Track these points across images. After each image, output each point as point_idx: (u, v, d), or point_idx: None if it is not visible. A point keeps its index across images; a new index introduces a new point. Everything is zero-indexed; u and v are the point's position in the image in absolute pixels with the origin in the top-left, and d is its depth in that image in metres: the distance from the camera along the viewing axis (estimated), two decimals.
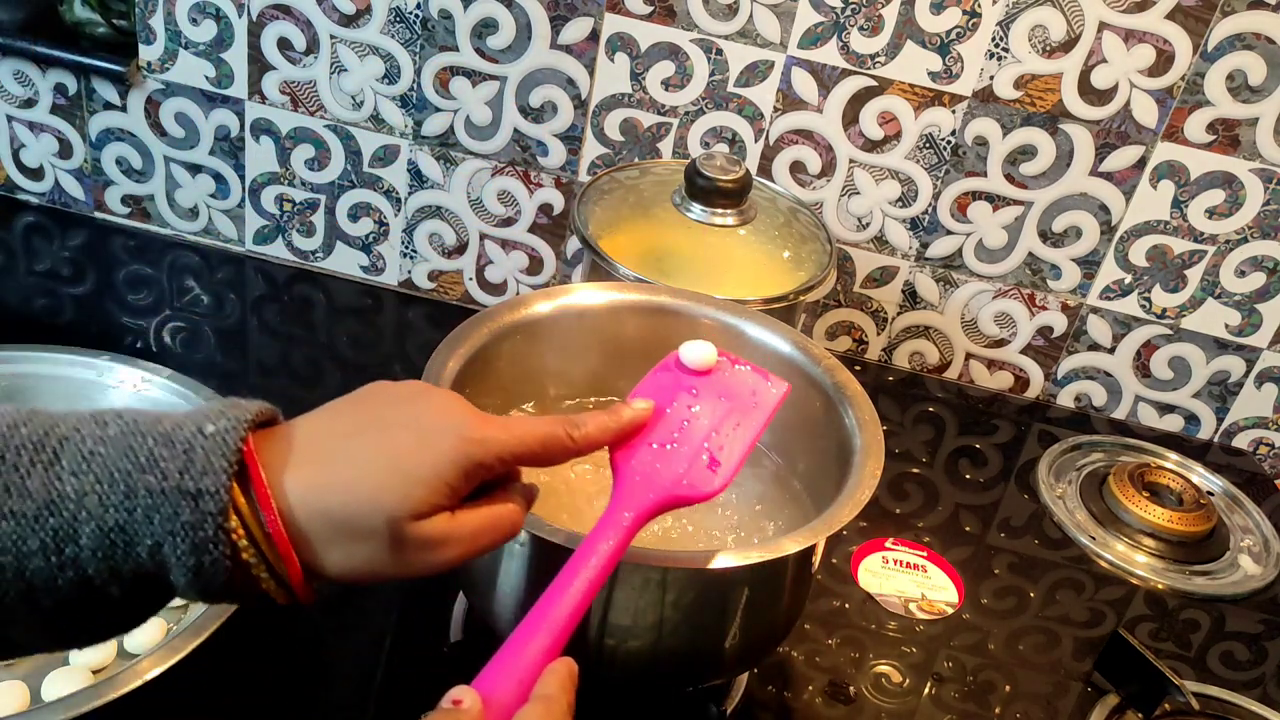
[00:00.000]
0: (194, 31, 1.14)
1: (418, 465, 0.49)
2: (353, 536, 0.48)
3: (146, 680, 0.68)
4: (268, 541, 0.47)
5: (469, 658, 0.78)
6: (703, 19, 1.08)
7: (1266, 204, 1.10)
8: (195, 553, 0.45)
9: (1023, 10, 1.04)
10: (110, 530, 0.45)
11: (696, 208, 0.97)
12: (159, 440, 0.46)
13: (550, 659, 0.49)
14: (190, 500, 0.45)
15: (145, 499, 0.45)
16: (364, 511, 0.48)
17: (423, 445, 0.49)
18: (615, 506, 0.56)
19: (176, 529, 0.45)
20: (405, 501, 0.48)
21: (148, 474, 0.45)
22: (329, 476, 0.48)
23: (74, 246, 1.22)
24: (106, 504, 0.45)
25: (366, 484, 0.48)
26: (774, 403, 0.63)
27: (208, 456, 0.46)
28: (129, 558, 0.45)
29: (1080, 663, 0.92)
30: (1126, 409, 1.25)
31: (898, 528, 1.02)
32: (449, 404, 0.52)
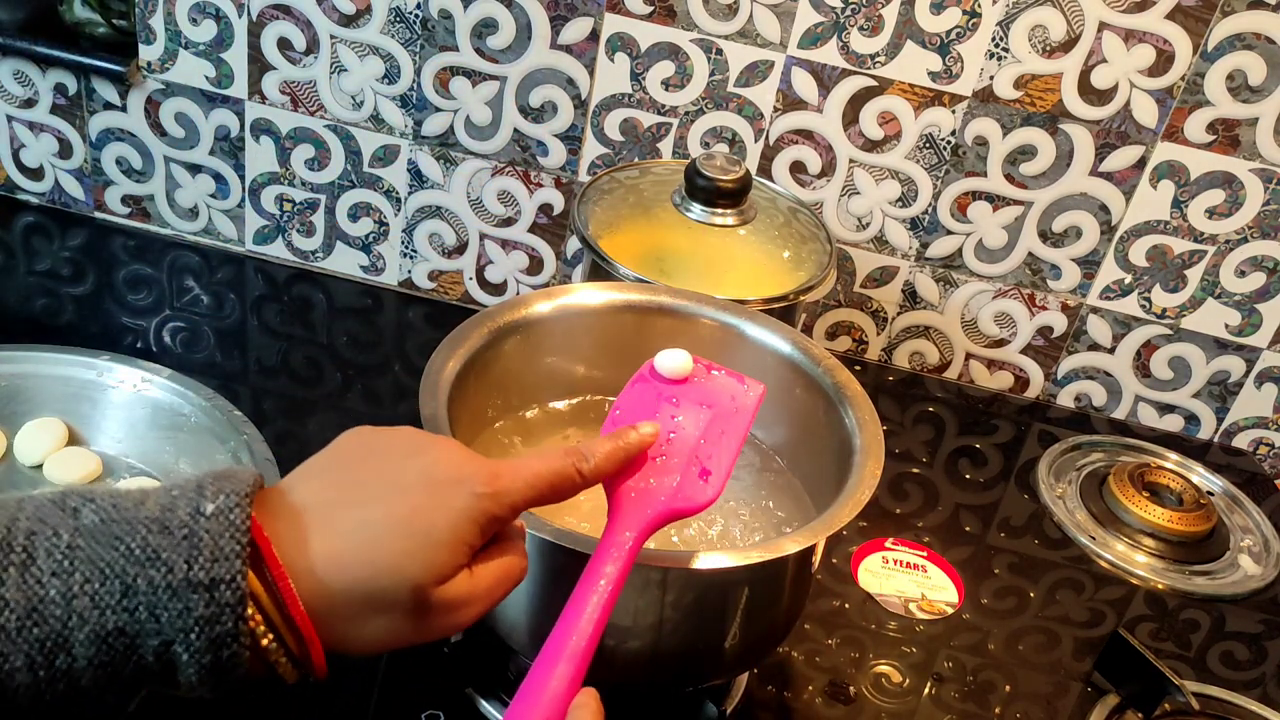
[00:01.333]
0: (194, 31, 1.14)
1: (435, 528, 0.46)
2: (376, 609, 0.46)
3: None
4: (288, 625, 0.44)
5: (469, 658, 0.78)
6: (703, 19, 1.08)
7: (1266, 204, 1.10)
8: (213, 649, 0.42)
9: (1023, 10, 1.04)
10: (108, 635, 0.40)
11: (696, 208, 0.97)
12: (151, 528, 0.41)
13: (575, 689, 0.48)
14: (204, 592, 0.41)
15: (148, 595, 0.41)
16: (389, 584, 0.45)
17: (437, 505, 0.47)
18: (614, 527, 0.55)
19: (190, 625, 0.41)
20: (429, 568, 0.46)
21: (148, 568, 0.41)
22: (346, 549, 0.45)
23: (74, 246, 1.22)
24: (102, 605, 0.40)
25: (387, 554, 0.45)
26: (753, 405, 0.63)
27: (215, 541, 0.42)
28: (130, 661, 0.41)
29: (1080, 663, 0.92)
30: (1126, 409, 1.25)
31: (898, 528, 1.02)
32: (452, 456, 0.50)
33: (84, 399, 0.91)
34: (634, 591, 0.65)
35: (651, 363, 0.63)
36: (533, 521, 0.63)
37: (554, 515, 0.74)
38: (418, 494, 0.47)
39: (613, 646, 0.67)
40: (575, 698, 0.48)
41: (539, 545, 0.65)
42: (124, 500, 0.43)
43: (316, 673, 0.46)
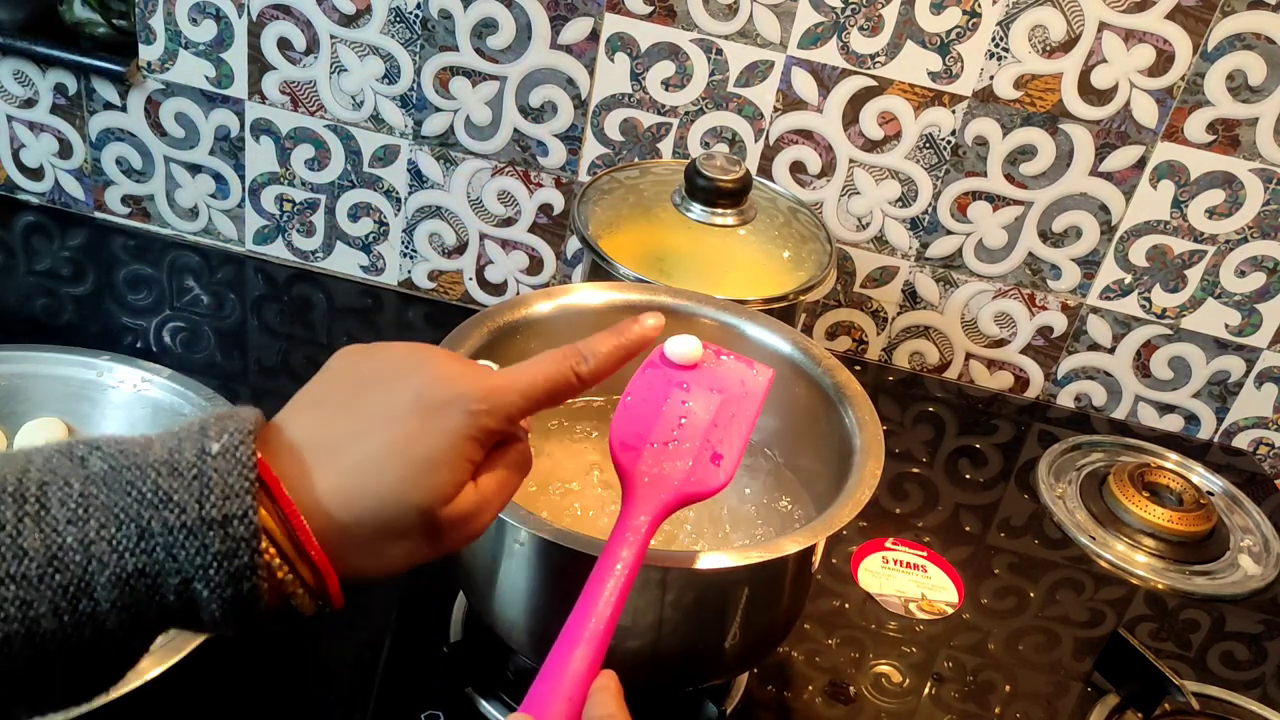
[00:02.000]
0: (194, 31, 1.14)
1: (434, 450, 0.47)
2: (388, 536, 0.47)
3: (146, 680, 0.68)
4: (302, 558, 0.44)
5: (469, 658, 0.78)
6: (703, 19, 1.08)
7: (1266, 204, 1.10)
8: (232, 583, 0.42)
9: (1023, 10, 1.04)
10: (129, 577, 0.41)
11: (696, 208, 0.97)
12: (161, 470, 0.42)
13: (594, 673, 0.49)
14: (219, 529, 0.42)
15: (164, 536, 0.41)
16: (396, 513, 0.46)
17: (434, 428, 0.47)
18: (629, 511, 0.56)
19: (208, 561, 0.42)
20: (433, 490, 0.47)
21: (162, 510, 0.41)
22: (349, 484, 0.46)
23: (74, 246, 1.22)
24: (120, 549, 0.41)
25: (390, 484, 0.46)
26: (762, 390, 0.63)
27: (224, 479, 0.42)
28: (153, 603, 0.42)
29: (1080, 663, 0.92)
30: (1126, 409, 1.25)
31: (898, 528, 1.02)
32: (444, 373, 0.49)
33: (84, 399, 0.91)
34: (634, 591, 0.65)
35: (662, 349, 0.63)
36: (534, 521, 0.63)
37: (556, 515, 0.75)
38: (413, 419, 0.47)
39: (613, 646, 0.66)
40: (595, 680, 0.49)
41: (539, 545, 0.66)
42: (130, 446, 0.43)
43: (334, 603, 0.47)
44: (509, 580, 0.69)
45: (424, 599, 0.86)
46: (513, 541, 0.67)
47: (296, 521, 0.44)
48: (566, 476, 0.79)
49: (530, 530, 0.63)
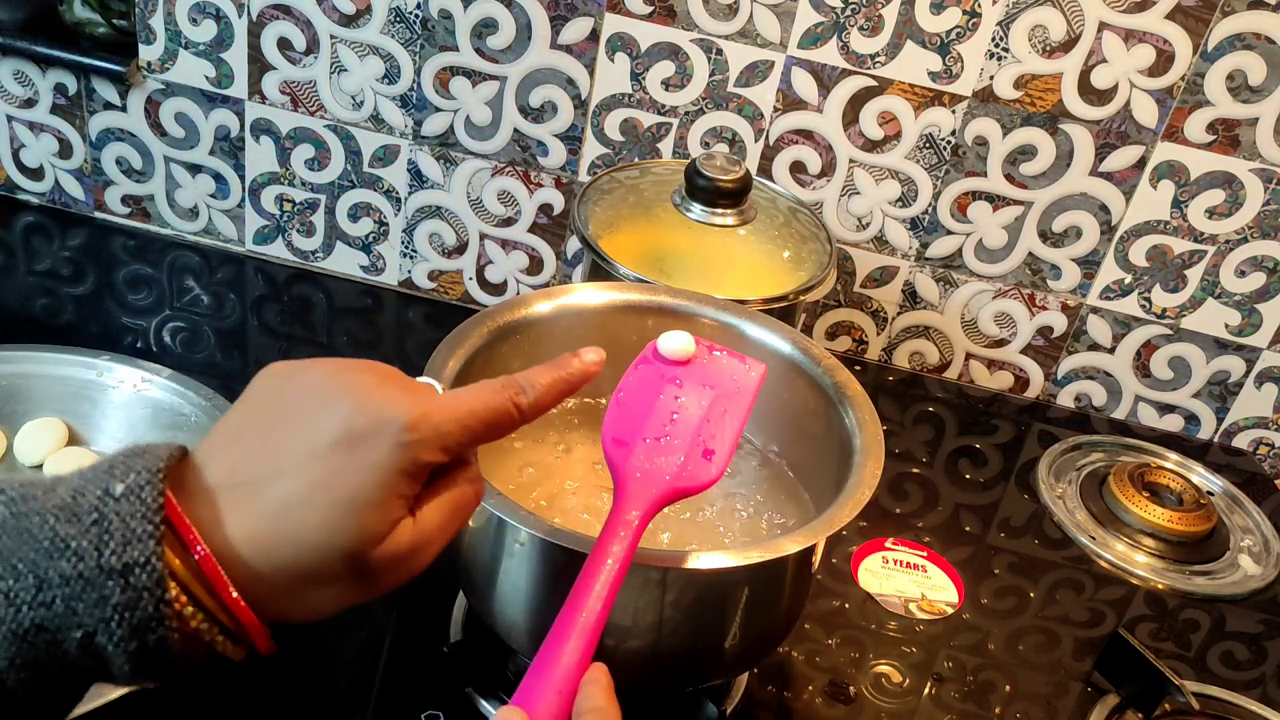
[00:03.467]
0: (194, 31, 1.14)
1: (360, 488, 0.43)
2: (314, 583, 0.43)
3: None
4: (221, 607, 0.41)
5: (469, 658, 0.78)
6: (703, 19, 1.08)
7: (1266, 204, 1.10)
8: (136, 635, 0.39)
9: (1023, 10, 1.04)
10: (26, 633, 0.38)
11: (696, 208, 0.97)
12: (60, 516, 0.39)
13: (585, 666, 0.49)
14: (119, 578, 0.39)
15: (62, 588, 0.38)
16: (318, 560, 0.43)
17: (358, 464, 0.43)
18: (620, 506, 0.56)
19: (108, 614, 0.39)
20: (360, 534, 0.43)
21: (59, 559, 0.38)
22: (268, 530, 0.42)
23: (74, 246, 1.22)
24: (16, 603, 0.38)
25: (311, 529, 0.42)
26: (755, 385, 0.63)
27: (126, 524, 0.39)
28: (54, 658, 0.39)
29: (1080, 663, 0.92)
30: (1126, 409, 1.25)
31: (898, 528, 1.02)
32: (371, 399, 0.44)
33: (84, 399, 0.91)
34: (634, 591, 0.65)
35: (654, 345, 0.64)
36: (533, 521, 0.63)
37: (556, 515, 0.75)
38: (337, 454, 0.43)
39: (613, 646, 0.67)
40: (586, 673, 0.49)
41: (538, 545, 0.65)
42: (34, 489, 0.40)
43: (260, 650, 0.44)
44: (509, 580, 0.69)
45: (424, 599, 0.86)
46: (513, 541, 0.67)
47: (209, 567, 0.41)
48: (566, 476, 0.79)
49: (530, 530, 0.63)
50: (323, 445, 0.43)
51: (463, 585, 0.75)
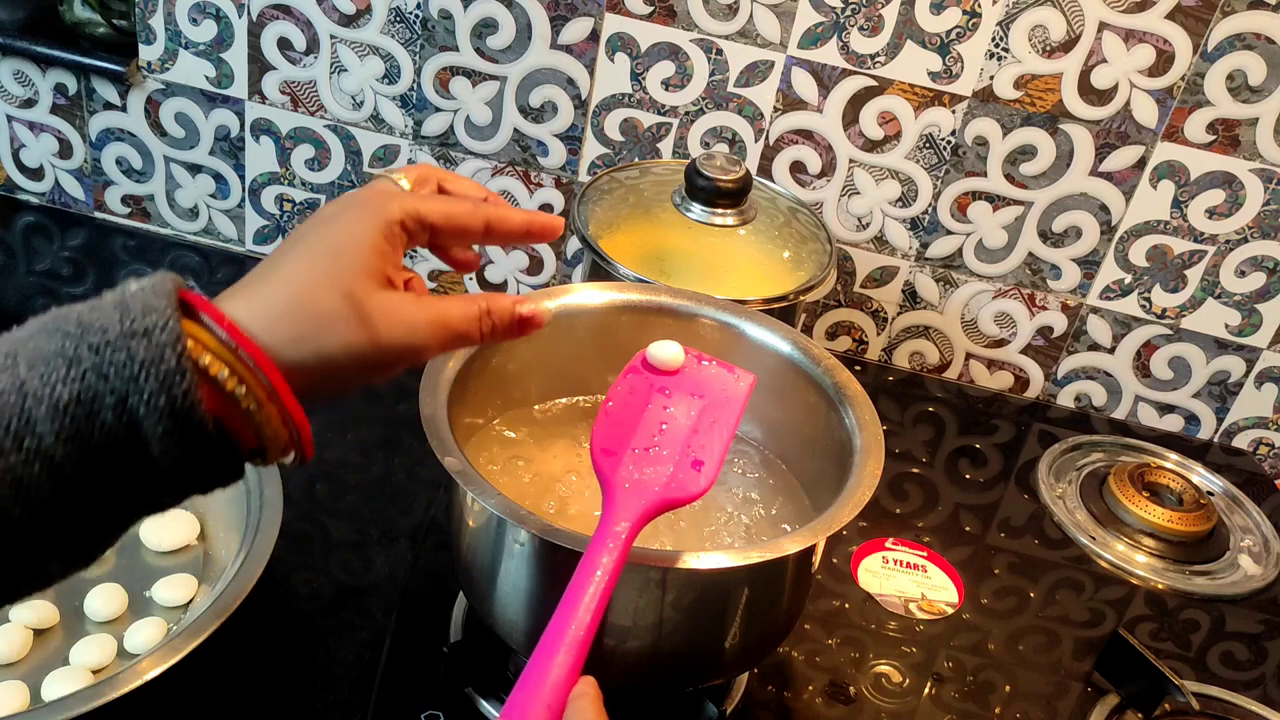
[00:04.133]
0: (194, 31, 1.14)
1: (340, 241, 0.49)
2: (316, 323, 0.47)
3: (146, 680, 0.68)
4: (238, 358, 0.45)
5: (469, 658, 0.78)
6: (703, 19, 1.08)
7: (1266, 204, 1.10)
8: (164, 389, 0.42)
9: (1023, 10, 1.04)
10: (66, 406, 0.42)
11: (696, 208, 0.97)
12: (82, 311, 0.44)
13: (574, 679, 0.49)
14: (141, 338, 0.43)
15: (91, 359, 0.42)
16: (313, 298, 0.47)
17: (336, 230, 0.50)
18: (609, 518, 0.56)
19: (135, 373, 0.42)
20: (348, 273, 0.48)
21: (87, 336, 0.42)
22: (267, 289, 0.48)
23: (74, 246, 1.22)
24: (50, 382, 0.42)
25: (303, 277, 0.48)
26: (744, 395, 0.63)
27: (144, 300, 0.44)
28: (94, 428, 0.42)
29: (1080, 663, 0.92)
30: (1126, 409, 1.25)
31: (898, 528, 1.02)
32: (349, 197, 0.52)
33: None
34: (634, 591, 0.65)
35: (644, 354, 0.64)
36: (533, 521, 0.63)
37: (556, 515, 0.75)
38: (326, 227, 0.50)
39: (613, 646, 0.67)
40: (575, 686, 0.49)
41: (539, 545, 0.65)
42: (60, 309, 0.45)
43: (301, 431, 0.47)
44: (509, 580, 0.69)
45: (424, 599, 0.86)
46: (513, 541, 0.67)
47: (217, 317, 0.45)
48: (567, 477, 0.79)
49: (530, 530, 0.63)
50: (308, 231, 0.50)
51: (463, 585, 0.75)
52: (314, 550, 0.89)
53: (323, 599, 0.85)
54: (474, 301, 0.53)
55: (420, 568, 0.89)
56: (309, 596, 0.85)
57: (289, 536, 0.81)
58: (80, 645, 0.76)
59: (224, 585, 0.75)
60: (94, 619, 0.79)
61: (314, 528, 0.91)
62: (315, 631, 0.83)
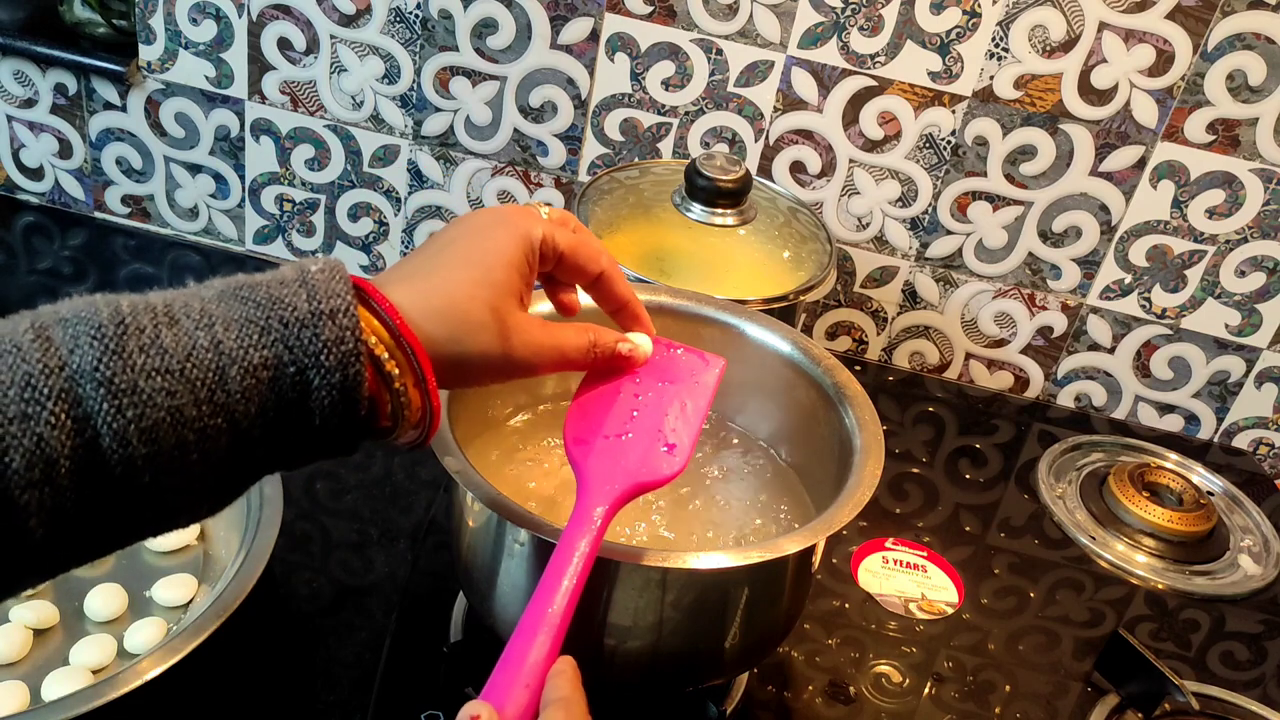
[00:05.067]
0: (194, 31, 1.14)
1: (489, 253, 0.55)
2: (466, 329, 0.53)
3: (146, 680, 0.68)
4: (399, 344, 0.50)
5: (469, 658, 0.78)
6: (703, 19, 1.08)
7: (1266, 204, 1.10)
8: (341, 367, 0.47)
9: (1023, 10, 1.04)
10: (256, 368, 0.46)
11: (696, 208, 0.97)
12: (270, 285, 0.48)
13: (553, 658, 0.50)
14: (327, 320, 0.47)
15: (280, 330, 0.47)
16: (467, 305, 0.53)
17: (489, 243, 0.56)
18: (584, 504, 0.57)
19: (320, 348, 0.47)
20: (496, 286, 0.54)
21: (279, 309, 0.47)
22: (427, 284, 0.53)
23: (74, 246, 1.22)
24: (245, 345, 0.46)
25: (460, 283, 0.54)
26: (714, 380, 0.65)
27: (327, 284, 0.48)
28: (275, 391, 0.47)
29: (1080, 663, 0.92)
30: (1126, 409, 1.25)
31: (898, 528, 1.02)
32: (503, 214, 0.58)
33: None
34: (634, 591, 0.65)
35: None
36: (533, 521, 0.63)
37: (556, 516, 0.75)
38: (473, 239, 0.56)
39: (613, 646, 0.67)
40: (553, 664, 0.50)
41: (539, 545, 0.65)
42: (235, 276, 0.50)
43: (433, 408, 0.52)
44: (509, 580, 0.69)
45: (424, 599, 0.86)
46: (513, 541, 0.67)
47: (390, 310, 0.50)
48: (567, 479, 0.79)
49: (530, 530, 0.63)
50: (461, 237, 0.56)
51: (463, 585, 0.75)
52: (314, 550, 0.89)
53: (323, 599, 0.85)
54: (584, 333, 0.60)
55: (420, 568, 0.89)
56: (309, 596, 0.85)
57: (289, 536, 0.81)
58: (80, 645, 0.76)
59: (224, 585, 0.75)
60: (94, 619, 0.79)
61: (314, 527, 0.91)
62: (315, 631, 0.83)
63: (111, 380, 0.43)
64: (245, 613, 0.73)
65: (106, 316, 0.45)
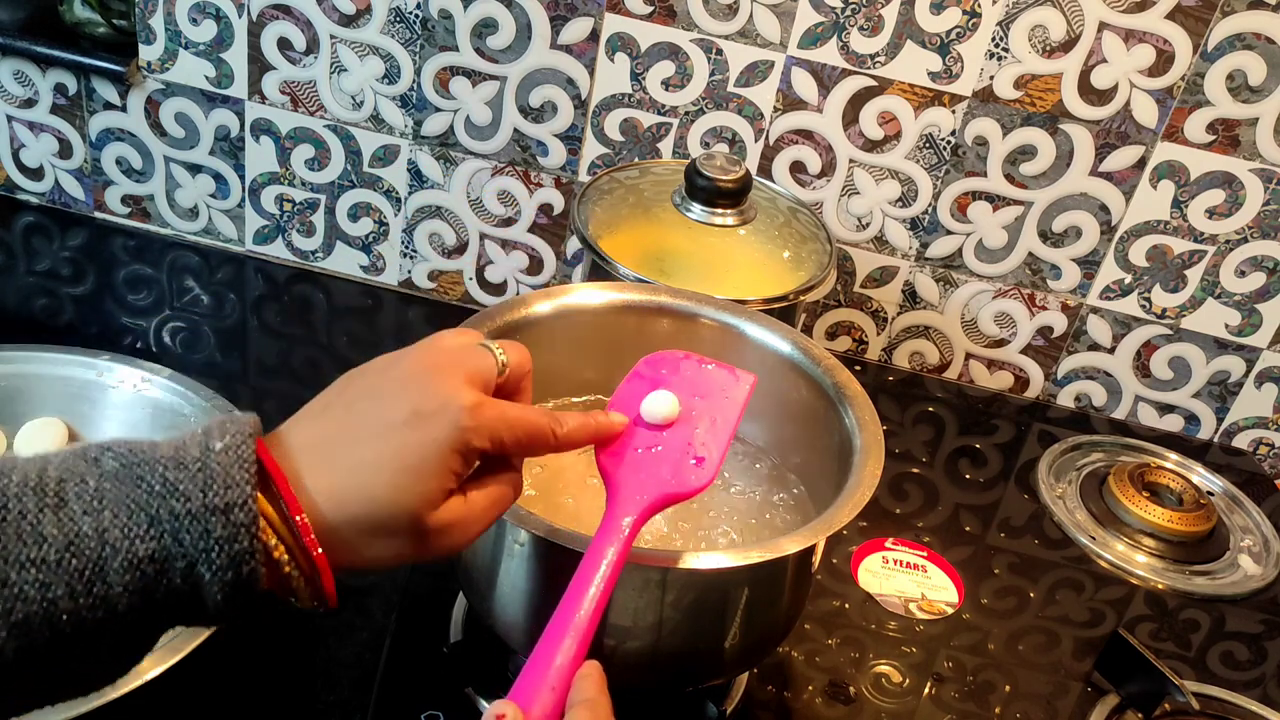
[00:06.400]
0: (194, 31, 1.14)
1: (423, 460, 0.50)
2: (378, 535, 0.50)
3: (146, 680, 0.68)
4: (298, 544, 0.48)
5: (469, 658, 0.78)
6: (703, 19, 1.08)
7: (1266, 204, 1.10)
8: (233, 566, 0.45)
9: (1023, 10, 1.04)
10: (140, 561, 0.44)
11: (696, 208, 0.97)
12: (168, 465, 0.46)
13: (578, 664, 0.51)
14: (220, 515, 0.45)
15: (170, 523, 0.45)
16: (386, 515, 0.50)
17: (423, 439, 0.50)
18: (613, 513, 0.58)
19: (210, 546, 0.45)
20: (422, 497, 0.50)
21: (170, 499, 0.45)
22: (345, 485, 0.49)
23: (74, 246, 1.22)
24: (131, 536, 0.44)
25: (384, 489, 0.50)
26: (744, 396, 0.65)
27: (226, 472, 0.46)
28: (160, 585, 0.45)
29: (1080, 663, 0.92)
30: (1126, 409, 1.25)
31: (898, 528, 1.02)
32: (441, 388, 0.52)
33: (84, 399, 0.91)
34: (634, 591, 0.65)
35: (646, 360, 0.66)
36: (533, 522, 0.63)
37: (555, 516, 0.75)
38: (407, 431, 0.50)
39: (613, 646, 0.67)
40: (580, 668, 0.50)
41: (539, 545, 0.66)
42: (139, 446, 0.47)
43: (328, 599, 0.50)
44: (509, 580, 0.69)
45: (424, 599, 0.86)
46: (513, 541, 0.67)
47: (293, 506, 0.47)
48: (568, 480, 0.79)
49: (530, 530, 0.63)
50: (395, 421, 0.51)
51: (463, 585, 0.75)
52: None
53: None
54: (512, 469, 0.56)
55: (420, 568, 0.89)
56: None
57: None
58: None
59: None
60: None
61: None
62: (315, 631, 0.83)
63: None
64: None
65: None
